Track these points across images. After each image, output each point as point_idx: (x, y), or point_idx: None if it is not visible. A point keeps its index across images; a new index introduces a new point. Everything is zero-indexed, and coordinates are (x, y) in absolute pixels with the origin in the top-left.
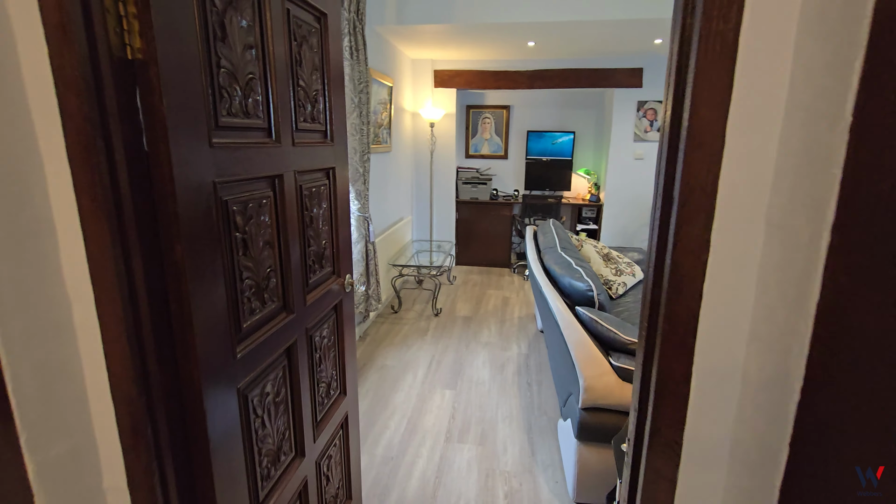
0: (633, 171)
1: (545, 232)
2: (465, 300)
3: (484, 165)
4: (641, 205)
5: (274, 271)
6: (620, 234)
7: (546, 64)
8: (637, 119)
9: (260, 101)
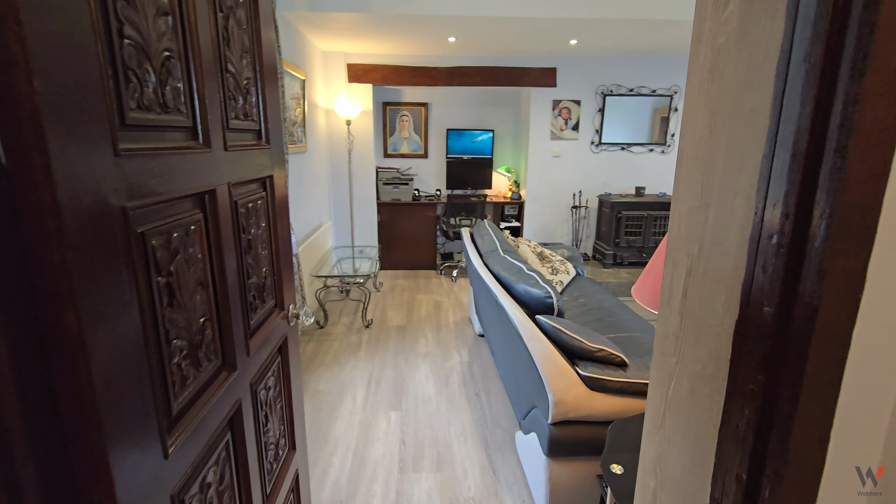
0: (552, 168)
1: (482, 234)
2: (395, 308)
3: (404, 165)
4: (560, 201)
5: (210, 320)
6: (542, 231)
7: (465, 61)
8: (553, 118)
9: (181, 89)
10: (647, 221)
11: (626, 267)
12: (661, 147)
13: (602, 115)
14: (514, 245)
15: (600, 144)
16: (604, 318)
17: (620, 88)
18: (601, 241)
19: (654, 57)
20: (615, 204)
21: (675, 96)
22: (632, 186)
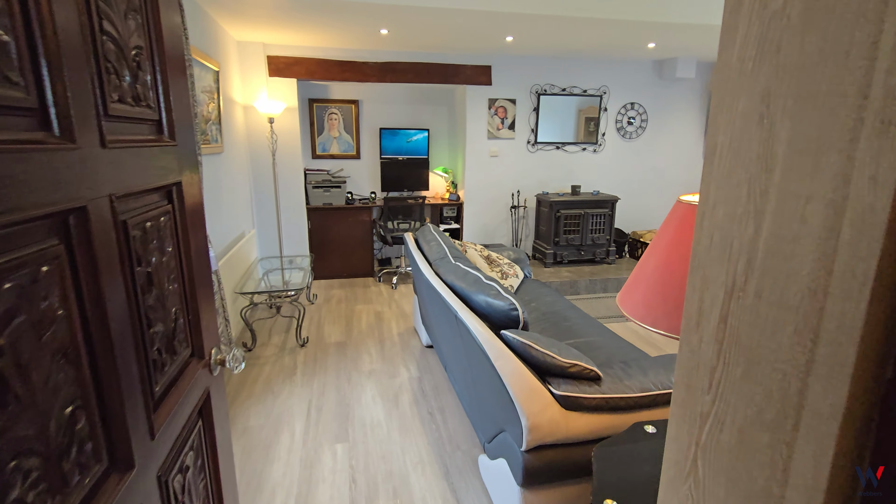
0: (490, 168)
1: (428, 239)
2: (333, 321)
3: (335, 166)
4: (499, 201)
5: (84, 407)
6: (482, 232)
7: (398, 56)
8: (489, 117)
9: (12, 46)
10: (584, 219)
11: (567, 265)
12: (593, 146)
13: (537, 114)
14: (462, 249)
15: (536, 144)
16: (558, 322)
17: (553, 88)
18: (541, 240)
19: (585, 58)
20: (554, 203)
21: (605, 96)
22: (568, 185)
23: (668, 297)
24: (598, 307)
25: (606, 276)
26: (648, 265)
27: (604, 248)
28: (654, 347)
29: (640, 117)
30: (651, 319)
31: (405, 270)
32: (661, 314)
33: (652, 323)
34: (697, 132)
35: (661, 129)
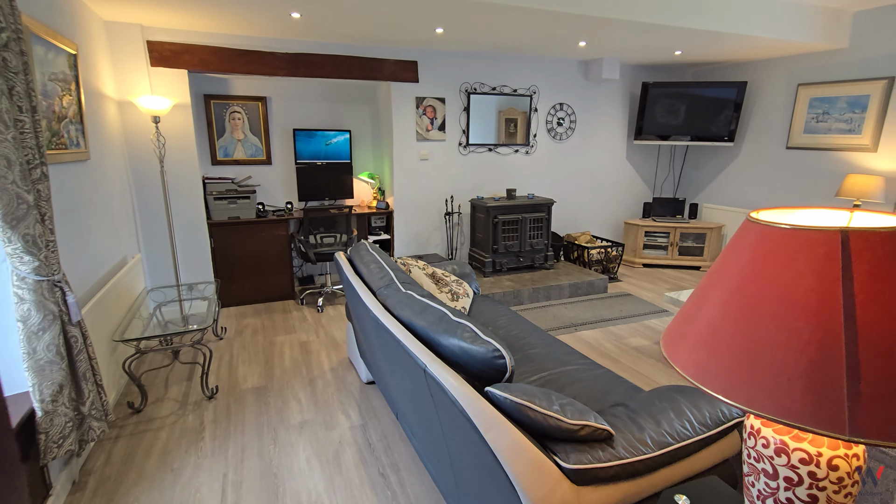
0: (420, 172)
1: (365, 260)
2: (248, 360)
3: (241, 173)
4: (432, 208)
5: None
6: (414, 242)
7: (312, 47)
8: (418, 117)
9: None
10: (521, 225)
11: (506, 273)
12: (525, 148)
13: (468, 114)
14: (406, 270)
15: (468, 146)
16: (522, 348)
17: (484, 87)
18: (478, 248)
19: (515, 56)
20: (491, 209)
21: (535, 96)
22: (502, 188)
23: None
24: (544, 318)
25: (548, 283)
26: (710, 308)
27: (542, 253)
28: (610, 360)
29: (568, 118)
30: (720, 384)
31: (332, 289)
32: (737, 381)
33: (722, 390)
34: (622, 133)
35: (590, 130)
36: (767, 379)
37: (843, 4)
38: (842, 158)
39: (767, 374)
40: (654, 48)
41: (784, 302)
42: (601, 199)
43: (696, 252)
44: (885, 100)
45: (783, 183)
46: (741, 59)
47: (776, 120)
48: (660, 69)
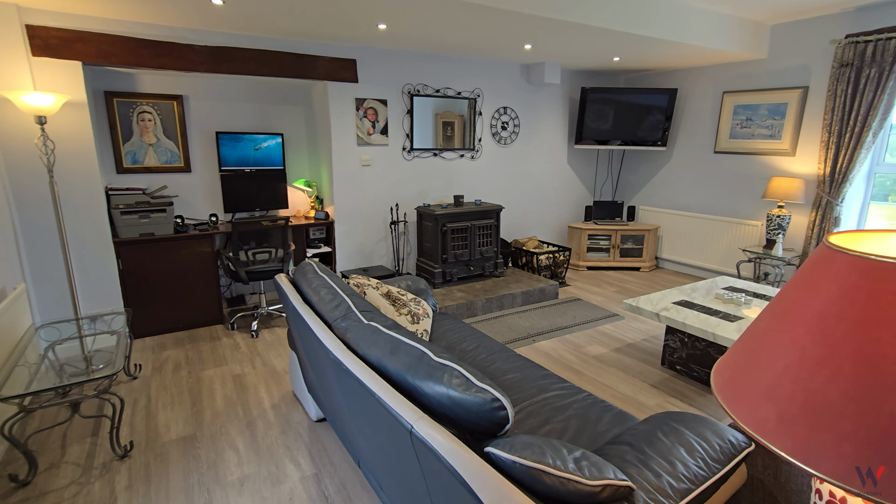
0: (362, 179)
1: (314, 284)
2: (171, 403)
3: (154, 183)
4: (376, 217)
5: None
6: (358, 254)
7: (237, 40)
8: (358, 119)
9: None
10: (471, 232)
11: (457, 284)
12: (471, 153)
13: (412, 117)
14: (361, 292)
15: (413, 150)
16: (497, 375)
17: (427, 89)
18: (426, 258)
19: (459, 58)
20: (439, 216)
21: (479, 99)
22: (449, 195)
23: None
24: (500, 329)
25: (500, 292)
26: (782, 354)
27: (492, 260)
28: (573, 372)
29: (513, 122)
30: (798, 449)
31: (267, 310)
32: (831, 449)
33: (800, 456)
34: (563, 138)
35: (533, 135)
36: (879, 450)
37: (762, 17)
38: (765, 162)
39: (879, 445)
40: (596, 53)
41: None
42: (545, 203)
43: (636, 253)
44: (801, 107)
45: (713, 185)
46: (671, 67)
47: (704, 125)
48: (597, 75)
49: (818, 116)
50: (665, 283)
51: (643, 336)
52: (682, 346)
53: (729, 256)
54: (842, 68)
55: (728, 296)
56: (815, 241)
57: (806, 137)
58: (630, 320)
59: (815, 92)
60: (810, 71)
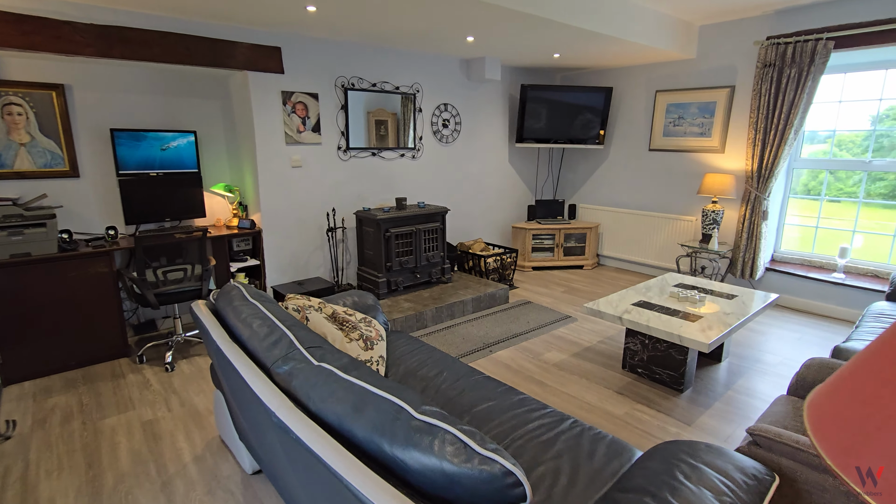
0: (293, 182)
1: (242, 314)
2: (59, 468)
3: (31, 191)
4: (310, 224)
5: None
6: (291, 266)
7: (133, 19)
8: (286, 115)
9: None
10: (416, 237)
11: (403, 293)
12: (411, 152)
13: (346, 113)
14: (302, 318)
15: (349, 150)
16: (470, 407)
17: (363, 82)
18: (368, 266)
19: (396, 50)
20: (381, 221)
21: (419, 95)
22: (390, 197)
23: None
24: (454, 341)
25: (449, 299)
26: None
27: (438, 266)
28: (535, 383)
29: (454, 120)
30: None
31: (183, 336)
32: None
33: None
34: (504, 136)
35: (474, 133)
36: None
37: (691, 17)
38: (697, 159)
39: None
40: (537, 48)
41: None
42: (488, 204)
43: (579, 252)
44: (728, 106)
45: (648, 183)
46: (606, 65)
47: (639, 124)
48: (536, 73)
49: (745, 115)
50: (609, 281)
51: (598, 338)
52: (643, 348)
53: (667, 251)
54: (765, 68)
55: (683, 294)
56: (746, 235)
57: (734, 135)
58: (583, 322)
59: (741, 91)
60: (736, 71)
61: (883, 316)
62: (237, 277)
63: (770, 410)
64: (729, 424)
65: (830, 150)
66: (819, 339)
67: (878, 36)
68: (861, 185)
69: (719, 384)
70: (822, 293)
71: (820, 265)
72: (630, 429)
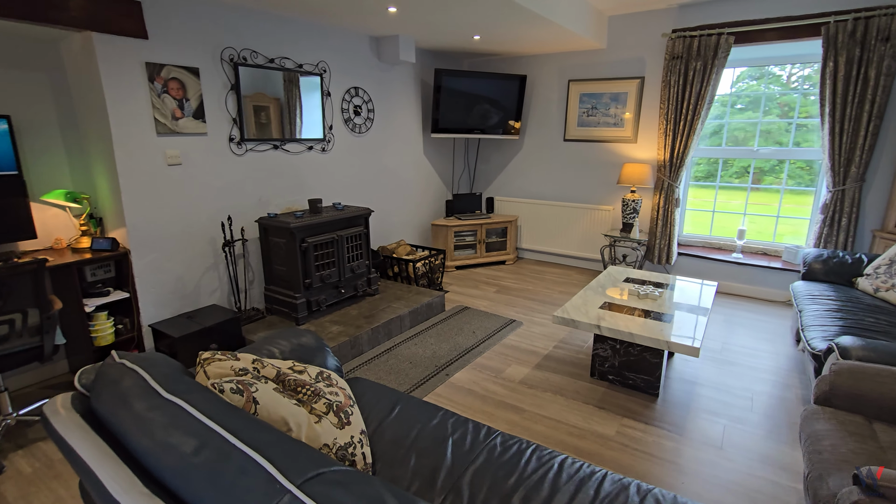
0: (172, 184)
1: (151, 426)
2: None
3: None
4: (198, 237)
5: None
6: (175, 295)
7: None
8: (155, 96)
9: None
10: (339, 246)
11: (326, 313)
12: (321, 144)
13: (238, 95)
14: (246, 401)
15: (244, 141)
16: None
17: (257, 57)
18: (278, 286)
19: (298, 19)
20: (296, 230)
21: (326, 76)
22: (299, 199)
23: None
24: (401, 368)
25: (384, 317)
26: None
27: (364, 276)
28: (511, 409)
29: (366, 106)
30: None
31: (17, 417)
32: None
33: None
34: (419, 125)
35: (389, 122)
36: None
37: (603, 6)
38: (611, 149)
39: None
40: (459, 26)
41: None
42: (406, 201)
43: (501, 247)
44: (639, 97)
45: (564, 173)
46: (520, 52)
47: (553, 113)
48: (447, 58)
49: (655, 105)
50: (535, 276)
51: (552, 343)
52: (613, 353)
53: (587, 242)
54: (673, 60)
55: (643, 291)
56: (661, 222)
57: (645, 125)
58: (529, 325)
59: (650, 82)
60: (645, 62)
61: (816, 297)
62: (97, 320)
63: (816, 431)
64: (715, 425)
65: (724, 139)
66: (747, 321)
67: (773, 33)
68: (750, 173)
69: (683, 381)
70: (730, 273)
71: (719, 247)
72: (629, 452)
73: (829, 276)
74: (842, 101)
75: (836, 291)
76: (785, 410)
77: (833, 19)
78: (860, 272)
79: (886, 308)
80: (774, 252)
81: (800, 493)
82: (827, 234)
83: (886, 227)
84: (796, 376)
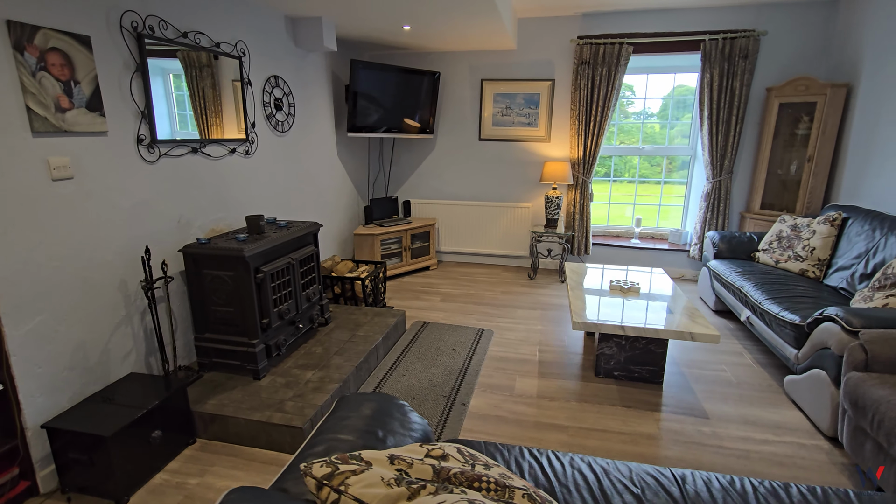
0: (60, 207)
1: None
2: None
3: None
4: (104, 281)
5: None
6: (76, 371)
7: None
8: (26, 75)
9: None
10: (294, 272)
11: (287, 356)
12: (244, 145)
13: (144, 76)
14: None
15: (156, 143)
16: None
17: (166, 28)
18: (220, 333)
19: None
20: (251, 258)
21: (245, 60)
22: (226, 217)
23: None
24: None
25: (355, 349)
26: None
27: (317, 305)
28: (556, 430)
29: (286, 99)
30: None
31: None
32: None
33: None
34: (332, 123)
35: (309, 119)
36: None
37: (515, 7)
38: (527, 148)
39: None
40: (390, 13)
41: None
42: (324, 208)
43: (424, 252)
44: (551, 98)
45: (480, 173)
46: (430, 48)
47: (468, 112)
48: (358, 48)
49: (566, 106)
50: (466, 278)
51: (535, 347)
52: (619, 350)
53: (508, 240)
54: (582, 66)
55: (626, 284)
56: (579, 216)
57: (558, 124)
58: (499, 332)
59: (561, 85)
60: (555, 66)
61: (742, 273)
62: None
63: (881, 396)
64: (725, 403)
65: (614, 137)
66: None
67: (663, 45)
68: (637, 168)
69: (674, 363)
70: (633, 257)
71: (617, 234)
72: (691, 447)
73: (734, 253)
74: (717, 106)
75: (748, 266)
76: (758, 375)
77: (708, 38)
78: (756, 248)
79: (793, 276)
80: (660, 236)
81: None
82: (710, 218)
83: (751, 209)
84: (740, 343)
